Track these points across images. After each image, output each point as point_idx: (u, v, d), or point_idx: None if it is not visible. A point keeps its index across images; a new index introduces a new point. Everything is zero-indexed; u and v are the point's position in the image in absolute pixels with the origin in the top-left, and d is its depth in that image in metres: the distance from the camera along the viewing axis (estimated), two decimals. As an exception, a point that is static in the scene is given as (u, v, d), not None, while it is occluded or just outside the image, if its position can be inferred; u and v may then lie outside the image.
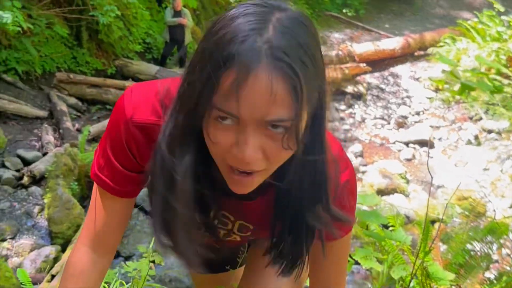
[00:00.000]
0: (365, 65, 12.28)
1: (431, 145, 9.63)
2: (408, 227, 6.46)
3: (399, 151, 9.71)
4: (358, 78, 12.12)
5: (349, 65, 12.09)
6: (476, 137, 9.58)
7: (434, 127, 10.23)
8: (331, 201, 1.14)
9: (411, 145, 9.78)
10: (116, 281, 2.61)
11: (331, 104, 1.09)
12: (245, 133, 0.92)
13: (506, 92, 9.18)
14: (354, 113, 11.09)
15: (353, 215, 1.30)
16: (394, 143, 10.01)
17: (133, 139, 1.15)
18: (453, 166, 9.02)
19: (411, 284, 2.51)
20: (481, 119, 9.98)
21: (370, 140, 10.11)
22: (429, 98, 11.43)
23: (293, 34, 0.91)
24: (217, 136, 0.95)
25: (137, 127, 1.14)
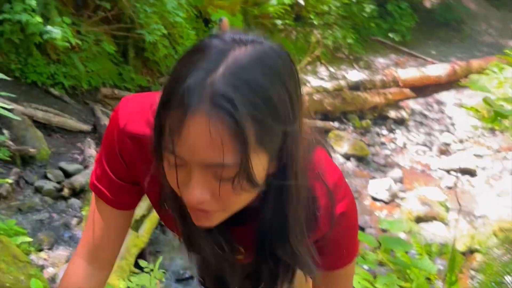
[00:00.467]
0: (409, 90, 12.18)
1: (473, 174, 9.47)
2: (445, 256, 6.36)
3: (441, 178, 9.58)
4: (401, 103, 12.04)
5: (392, 90, 12.02)
6: (520, 168, 9.39)
7: (477, 155, 10.07)
8: (305, 238, 1.13)
9: (453, 172, 9.64)
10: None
11: (319, 140, 1.13)
12: (190, 174, 0.93)
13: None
14: (395, 139, 11.00)
15: (352, 248, 1.29)
16: (435, 170, 9.88)
17: (125, 148, 1.15)
18: (496, 196, 8.84)
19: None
20: (526, 149, 9.80)
21: (411, 166, 10.01)
22: (473, 126, 11.26)
23: (245, 75, 0.88)
24: (169, 175, 0.96)
25: (129, 137, 1.14)
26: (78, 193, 6.34)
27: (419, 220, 7.82)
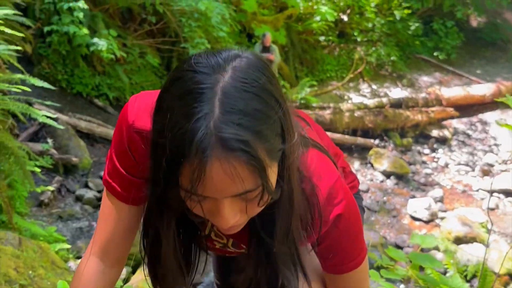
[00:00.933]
0: (452, 109, 12.06)
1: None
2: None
3: (482, 199, 9.43)
4: (444, 122, 11.92)
5: (435, 108, 11.92)
6: None
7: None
8: (299, 238, 1.16)
9: (495, 194, 9.46)
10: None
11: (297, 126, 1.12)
12: (219, 206, 0.98)
13: None
14: (437, 158, 10.88)
15: (354, 251, 1.28)
16: (477, 190, 9.73)
17: (134, 144, 1.19)
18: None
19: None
20: None
21: (452, 186, 9.88)
22: (517, 147, 11.08)
23: (240, 106, 0.91)
24: (195, 208, 1.00)
25: (138, 133, 1.17)
26: (117, 202, 6.44)
27: (458, 240, 7.69)
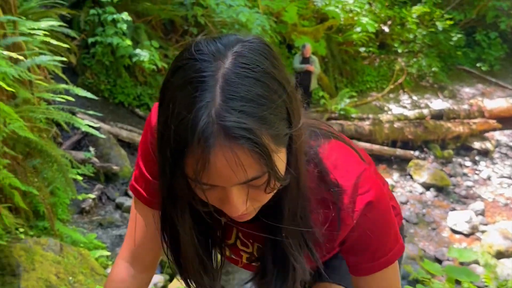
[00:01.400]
0: (495, 121, 11.87)
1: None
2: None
3: (525, 213, 9.27)
4: (486, 134, 11.74)
5: (477, 120, 11.75)
6: None
7: None
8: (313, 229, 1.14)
9: (538, 208, 9.31)
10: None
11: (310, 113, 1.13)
12: (228, 194, 0.97)
13: None
14: (479, 170, 10.73)
15: (386, 245, 1.22)
16: (519, 204, 9.57)
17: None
18: None
19: None
20: None
21: (493, 199, 9.72)
22: (562, 160, 10.86)
23: (242, 92, 0.90)
24: (204, 196, 0.99)
25: None
26: (157, 211, 6.52)
27: (500, 255, 7.56)
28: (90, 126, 4.65)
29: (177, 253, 1.21)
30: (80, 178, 5.07)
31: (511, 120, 12.18)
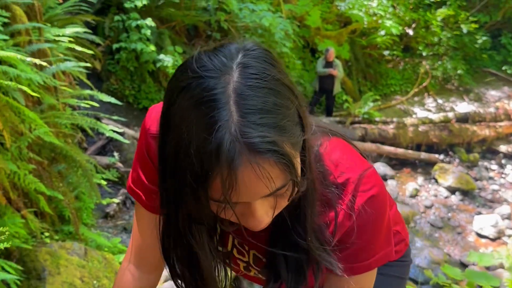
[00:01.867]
0: (522, 125, 11.75)
1: None
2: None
3: (553, 216, 9.13)
4: (512, 138, 11.63)
5: (503, 123, 11.63)
6: None
7: None
8: (320, 230, 1.12)
9: None
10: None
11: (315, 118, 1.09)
12: (252, 209, 0.95)
13: None
14: (505, 174, 10.60)
15: (375, 247, 1.18)
16: (547, 208, 9.43)
17: (152, 150, 1.19)
18: None
19: None
20: None
21: (520, 203, 9.60)
22: None
23: (257, 104, 0.88)
24: (224, 213, 0.96)
25: (153, 138, 1.18)
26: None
27: (527, 260, 7.47)
28: (114, 131, 4.69)
29: (195, 276, 1.18)
30: (104, 183, 5.11)
31: (538, 122, 12.05)
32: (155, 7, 9.04)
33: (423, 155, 10.31)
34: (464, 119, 11.55)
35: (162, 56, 8.31)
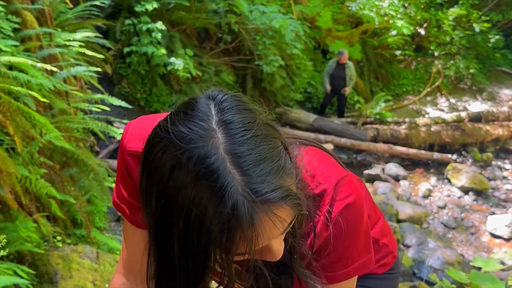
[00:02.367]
0: (536, 123, 11.67)
1: None
2: None
3: None
4: (526, 136, 11.55)
5: (517, 122, 11.57)
6: None
7: None
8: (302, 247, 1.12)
9: None
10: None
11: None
12: (269, 247, 0.98)
13: None
14: (520, 173, 10.55)
15: (351, 255, 1.18)
16: (562, 206, 9.36)
17: (129, 166, 1.18)
18: None
19: None
20: None
21: (535, 202, 9.53)
22: None
23: (253, 157, 0.88)
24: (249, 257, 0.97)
25: (130, 155, 1.17)
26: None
27: (541, 260, 7.41)
28: (125, 135, 4.71)
29: None
30: (116, 186, 5.12)
31: (552, 122, 11.96)
32: (165, 11, 9.07)
33: (436, 155, 10.26)
34: (477, 118, 11.49)
35: (173, 59, 8.33)
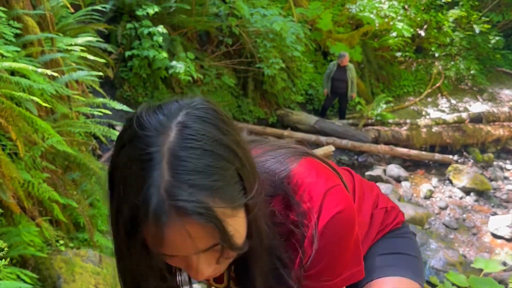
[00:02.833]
0: (536, 123, 11.67)
1: None
2: None
3: None
4: (527, 137, 11.55)
5: (518, 123, 11.58)
6: None
7: None
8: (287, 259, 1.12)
9: None
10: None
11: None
12: (190, 262, 0.98)
13: None
14: (521, 173, 10.55)
15: (340, 266, 1.16)
16: None
17: None
18: None
19: None
20: None
21: (536, 202, 9.54)
22: None
23: (189, 165, 0.89)
24: (169, 261, 1.00)
25: None
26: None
27: (543, 259, 7.41)
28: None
29: None
30: (118, 190, 5.13)
31: (553, 122, 11.96)
32: (167, 14, 9.11)
33: (437, 156, 10.27)
34: (478, 119, 11.50)
35: (174, 62, 8.36)
